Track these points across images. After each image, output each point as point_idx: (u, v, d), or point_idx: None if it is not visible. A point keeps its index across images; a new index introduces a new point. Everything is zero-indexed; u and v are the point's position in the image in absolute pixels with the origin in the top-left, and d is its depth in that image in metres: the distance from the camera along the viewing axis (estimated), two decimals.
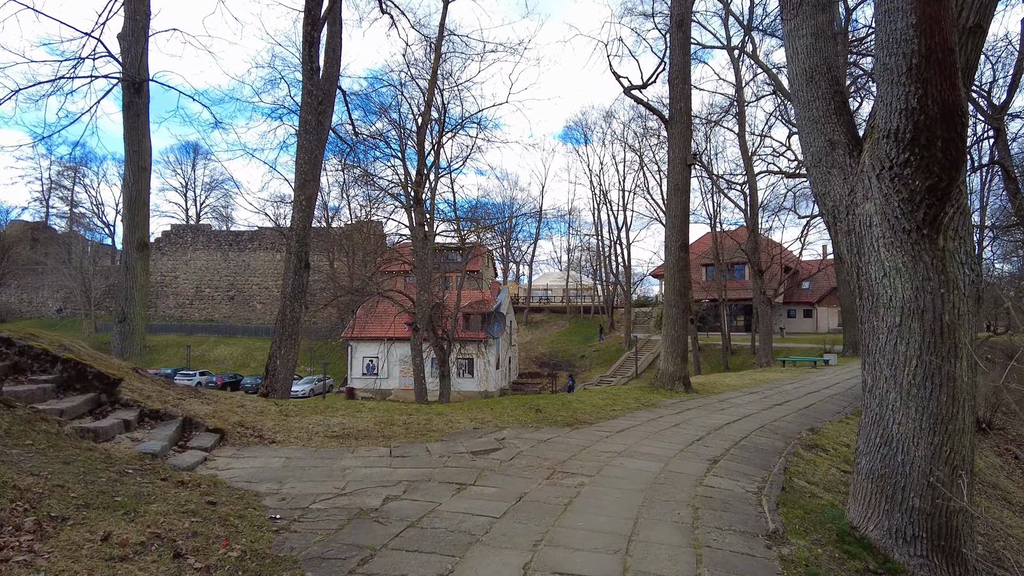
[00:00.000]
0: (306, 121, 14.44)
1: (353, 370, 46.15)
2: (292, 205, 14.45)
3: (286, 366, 14.19)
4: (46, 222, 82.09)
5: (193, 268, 74.98)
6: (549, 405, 10.23)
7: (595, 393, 12.50)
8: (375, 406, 9.65)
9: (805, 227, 35.65)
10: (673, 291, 14.41)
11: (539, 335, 62.82)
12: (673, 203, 14.55)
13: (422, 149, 17.69)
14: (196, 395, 8.43)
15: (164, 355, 64.87)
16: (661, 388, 14.17)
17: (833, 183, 4.89)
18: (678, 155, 14.53)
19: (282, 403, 9.46)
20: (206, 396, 8.62)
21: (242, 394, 9.73)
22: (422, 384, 19.67)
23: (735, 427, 9.14)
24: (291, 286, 14.22)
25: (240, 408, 8.31)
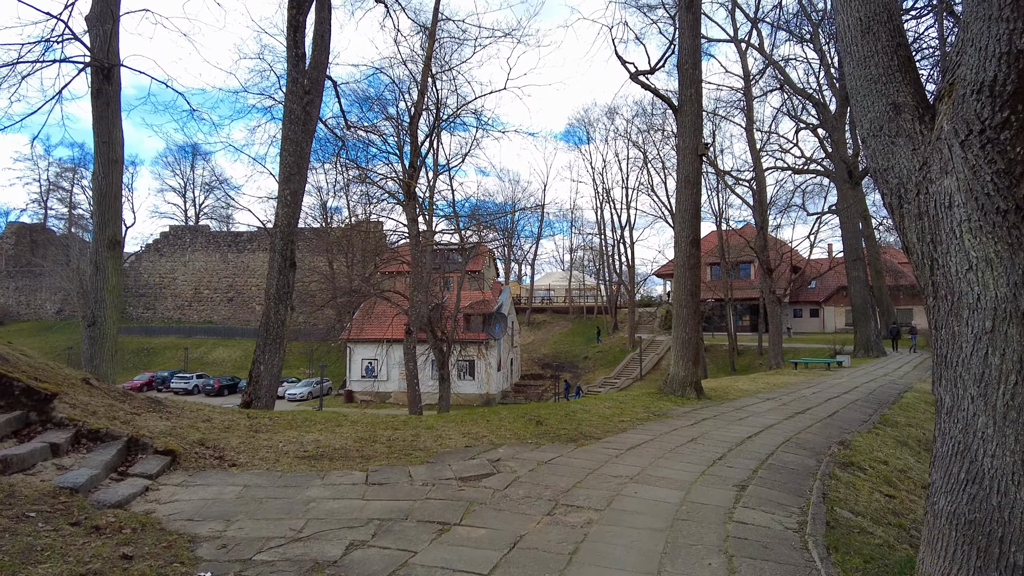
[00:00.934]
0: (291, 111, 13.55)
1: (352, 372, 45.30)
2: (276, 200, 13.53)
3: (271, 372, 13.30)
4: (44, 224, 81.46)
5: (192, 269, 74.25)
6: (551, 416, 9.31)
7: (600, 401, 11.58)
8: (358, 419, 8.74)
9: (816, 224, 34.67)
10: (683, 290, 13.48)
11: (542, 336, 61.88)
12: (683, 196, 13.62)
13: (415, 140, 16.73)
14: (155, 409, 7.53)
15: (162, 357, 64.13)
16: (671, 394, 13.24)
17: (898, 155, 3.96)
18: (688, 144, 13.60)
19: (257, 415, 8.55)
20: (168, 409, 7.72)
21: (212, 407, 8.83)
22: (416, 391, 18.70)
23: (758, 442, 8.20)
24: (275, 287, 13.32)
25: (205, 423, 7.41)
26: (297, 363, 58.89)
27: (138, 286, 73.98)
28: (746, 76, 29.87)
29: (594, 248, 66.19)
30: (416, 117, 16.43)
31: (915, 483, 7.36)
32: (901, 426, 10.97)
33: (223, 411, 8.51)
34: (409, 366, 18.63)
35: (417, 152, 16.71)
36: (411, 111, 16.53)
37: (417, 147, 16.71)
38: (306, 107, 14.15)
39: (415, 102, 16.46)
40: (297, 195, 13.51)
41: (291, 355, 60.54)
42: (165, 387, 51.44)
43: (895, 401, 13.99)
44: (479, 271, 61.62)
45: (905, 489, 6.91)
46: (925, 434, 10.84)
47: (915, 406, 13.86)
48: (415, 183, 16.56)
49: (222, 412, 8.35)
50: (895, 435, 10.02)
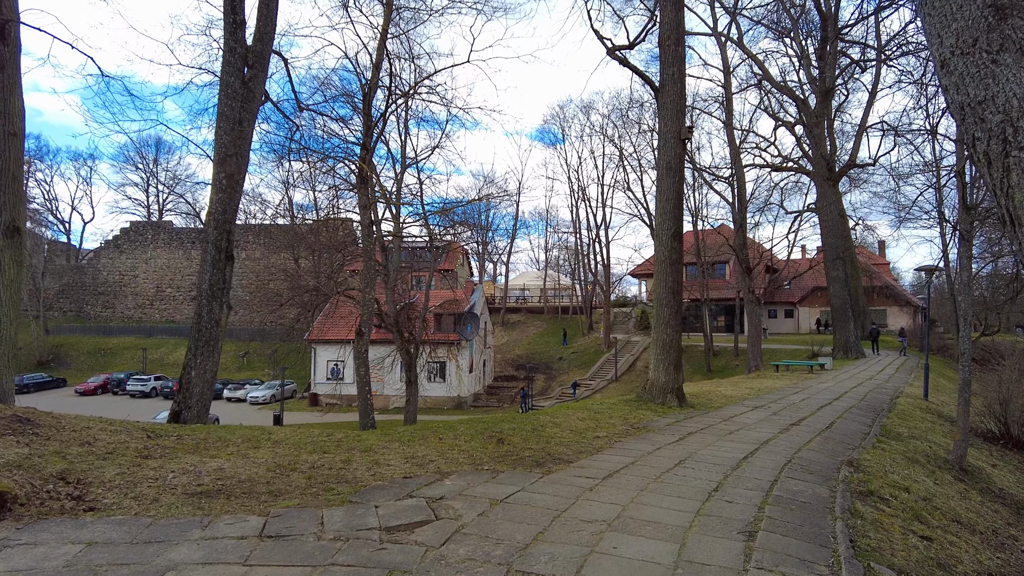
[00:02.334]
0: (228, 84, 12.02)
1: (316, 374, 43.51)
2: (211, 185, 12.01)
3: (203, 379, 11.76)
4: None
5: (154, 267, 71.54)
6: (515, 432, 7.99)
7: (572, 411, 10.29)
8: (284, 437, 7.31)
9: (796, 222, 33.93)
10: (664, 288, 12.26)
11: (516, 336, 60.60)
12: (665, 185, 12.40)
13: (368, 118, 15.21)
14: (17, 430, 6.02)
15: (120, 358, 61.45)
16: (651, 402, 12.02)
17: (1003, 79, 2.71)
18: (670, 128, 12.39)
19: (162, 434, 7.08)
20: (37, 428, 6.22)
21: (108, 423, 7.33)
22: (367, 401, 17.06)
23: (757, 464, 6.97)
24: (208, 282, 11.79)
25: (82, 448, 5.93)
26: (261, 364, 56.84)
27: (96, 284, 71.03)
28: (726, 69, 28.92)
29: (569, 247, 65.16)
30: (370, 93, 14.90)
31: (946, 517, 6.18)
32: (905, 439, 9.87)
33: (119, 429, 7.02)
34: (360, 372, 16.96)
35: (370, 132, 15.16)
36: (364, 88, 15.01)
37: (371, 126, 15.17)
38: (248, 82, 12.64)
39: (369, 78, 14.93)
40: (234, 179, 11.99)
41: (255, 357, 58.49)
42: (121, 389, 49.13)
43: (890, 408, 12.96)
44: (452, 270, 60.17)
45: (939, 526, 5.72)
46: (931, 448, 9.75)
47: (911, 414, 12.85)
48: (367, 165, 15.04)
49: (116, 431, 6.87)
50: (902, 450, 8.90)
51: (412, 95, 15.00)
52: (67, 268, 72.54)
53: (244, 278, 66.03)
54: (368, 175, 15.30)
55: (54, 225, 77.77)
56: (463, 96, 73.20)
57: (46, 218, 78.01)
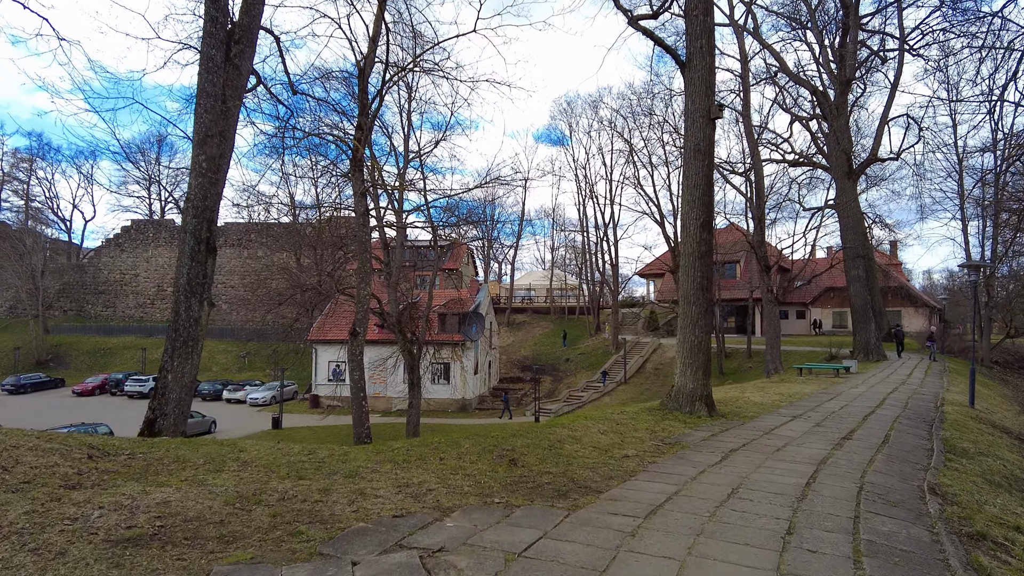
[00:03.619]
0: (209, 58, 10.87)
1: (318, 375, 42.38)
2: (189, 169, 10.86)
3: (180, 383, 10.60)
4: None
5: (155, 266, 70.64)
6: (529, 451, 6.79)
7: (592, 423, 9.08)
8: (255, 458, 6.11)
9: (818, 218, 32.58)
10: (693, 284, 11.04)
11: (521, 337, 59.37)
12: (693, 169, 11.18)
13: (364, 95, 13.92)
14: None
15: (120, 358, 60.47)
16: (677, 411, 10.81)
17: None
18: (698, 106, 11.18)
19: (110, 452, 5.91)
20: None
21: (46, 439, 6.15)
22: (360, 408, 15.45)
23: (825, 493, 5.75)
24: (186, 276, 10.63)
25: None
26: (261, 365, 55.80)
27: (97, 283, 70.18)
28: (743, 59, 27.65)
29: (576, 246, 63.82)
30: (367, 69, 13.64)
31: None
32: (973, 456, 8.62)
33: (55, 448, 5.83)
34: (354, 376, 15.54)
35: (366, 110, 13.88)
36: (360, 63, 13.78)
37: (366, 103, 13.88)
38: (233, 58, 11.50)
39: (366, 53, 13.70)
40: (216, 162, 10.82)
41: (255, 357, 57.39)
42: (119, 390, 48.14)
43: (940, 418, 11.69)
44: (456, 269, 59.04)
45: None
46: (1007, 467, 8.51)
47: (965, 424, 11.58)
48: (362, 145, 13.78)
49: (50, 450, 5.68)
50: (978, 471, 7.65)
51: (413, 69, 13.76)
52: (68, 267, 71.69)
53: (246, 277, 65.05)
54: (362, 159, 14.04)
55: (55, 223, 77.04)
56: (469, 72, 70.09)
57: (47, 216, 77.32)
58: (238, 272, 66.55)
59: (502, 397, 38.92)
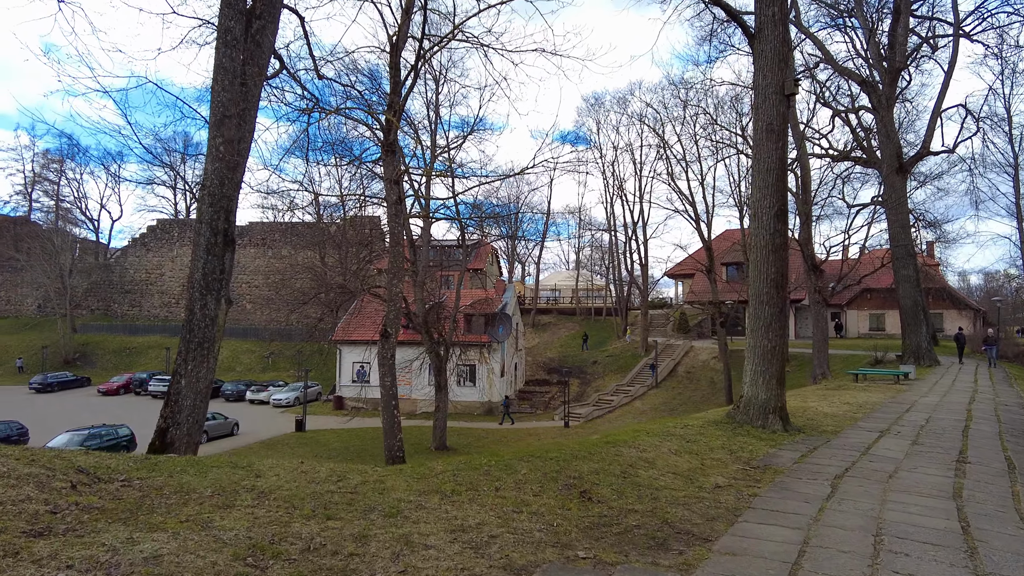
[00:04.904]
0: (227, 30, 9.87)
1: (342, 376, 41.62)
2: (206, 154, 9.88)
3: (195, 388, 9.60)
4: (28, 217, 77.95)
5: (180, 265, 70.62)
6: (600, 479, 5.63)
7: (658, 440, 7.87)
8: (274, 486, 5.03)
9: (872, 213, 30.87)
10: (765, 281, 9.78)
11: (547, 338, 58.09)
12: (764, 151, 9.92)
13: (396, 73, 12.79)
14: None
15: (145, 357, 60.45)
16: (747, 424, 9.56)
17: None
18: (770, 81, 9.92)
19: (101, 479, 4.88)
20: None
21: (26, 460, 5.14)
22: (392, 417, 13.92)
23: (996, 545, 4.50)
24: (202, 271, 9.62)
25: None
26: (285, 365, 55.28)
27: (123, 282, 70.44)
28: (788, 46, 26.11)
29: (603, 246, 62.38)
30: (399, 43, 12.52)
31: None
32: None
33: (32, 475, 4.81)
34: (385, 381, 14.12)
35: (398, 89, 12.75)
36: (392, 38, 12.69)
37: (398, 83, 12.78)
38: (254, 34, 10.50)
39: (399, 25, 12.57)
40: (234, 145, 9.81)
41: (279, 357, 56.89)
42: (143, 390, 47.97)
43: None
44: (481, 269, 58.07)
45: None
46: None
47: None
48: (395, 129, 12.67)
49: (24, 478, 4.65)
50: None
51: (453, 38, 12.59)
52: (95, 266, 72.09)
53: (270, 276, 64.71)
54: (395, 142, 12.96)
55: (83, 223, 77.62)
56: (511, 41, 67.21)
57: (76, 216, 77.97)
58: (262, 272, 66.25)
59: (502, 402, 37.61)
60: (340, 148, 24.20)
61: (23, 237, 73.19)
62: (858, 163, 33.81)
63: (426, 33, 12.68)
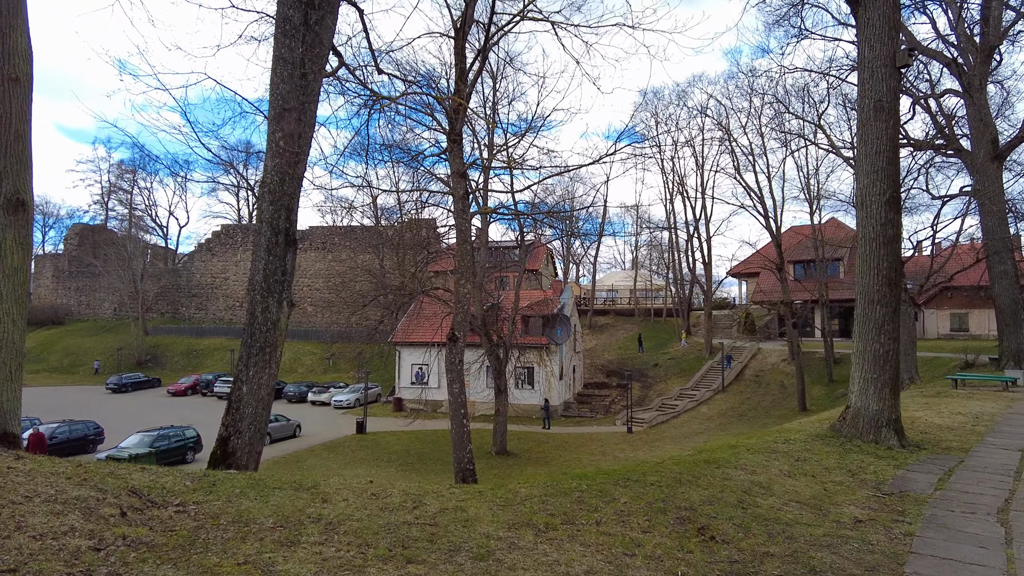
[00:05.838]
0: (285, 19, 9.42)
1: (401, 378, 41.57)
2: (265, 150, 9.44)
3: (256, 395, 9.14)
4: (105, 225, 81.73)
5: (243, 269, 72.54)
6: (717, 512, 4.77)
7: (762, 457, 6.93)
8: (342, 516, 4.38)
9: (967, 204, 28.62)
10: (876, 277, 8.67)
11: (605, 340, 56.79)
12: (873, 131, 8.81)
13: (462, 59, 12.09)
14: None
15: (211, 359, 62.22)
16: (856, 438, 8.47)
17: None
18: (878, 53, 8.80)
19: (155, 503, 4.36)
20: None
21: (77, 480, 4.66)
22: (461, 429, 12.65)
23: None
24: (263, 272, 9.16)
25: None
26: (346, 367, 55.84)
27: (190, 286, 72.85)
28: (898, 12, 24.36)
29: (662, 244, 60.56)
30: (464, 27, 11.83)
31: None
32: None
33: (78, 499, 4.31)
34: (453, 388, 13.12)
35: (464, 76, 12.03)
36: (457, 23, 12.02)
37: (464, 69, 12.06)
38: (313, 25, 10.02)
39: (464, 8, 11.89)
40: (294, 140, 9.34)
41: (340, 359, 57.55)
42: (209, 391, 49.20)
43: None
44: (536, 270, 57.28)
45: None
46: None
47: None
48: (462, 118, 12.00)
49: (70, 504, 4.14)
50: None
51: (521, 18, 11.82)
52: (165, 271, 74.88)
53: (329, 279, 65.70)
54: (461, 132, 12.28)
55: (154, 230, 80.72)
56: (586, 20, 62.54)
57: (147, 223, 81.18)
58: (322, 275, 67.31)
59: (542, 406, 36.53)
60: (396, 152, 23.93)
61: (100, 244, 76.94)
62: (940, 152, 31.47)
63: (495, 11, 11.92)
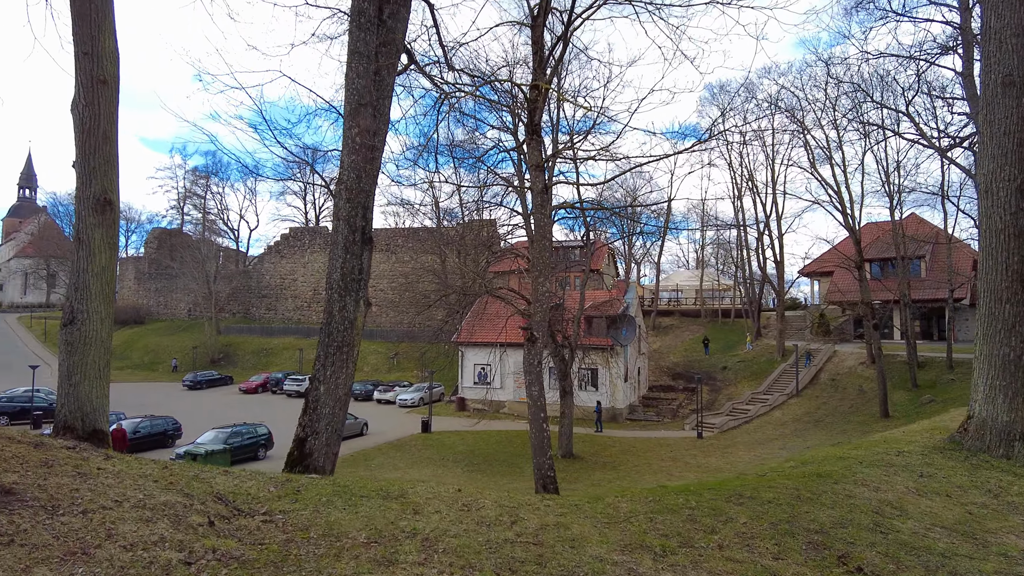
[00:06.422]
0: (360, 11, 9.24)
1: (464, 378, 41.60)
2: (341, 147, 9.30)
3: (334, 395, 8.99)
4: (181, 228, 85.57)
5: (311, 270, 74.60)
6: (856, 538, 4.20)
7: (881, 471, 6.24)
8: (437, 531, 4.02)
9: None
10: (1004, 273, 7.78)
11: (669, 342, 55.36)
12: (1000, 110, 7.92)
13: (540, 48, 11.62)
14: None
15: (280, 358, 64.08)
16: (981, 452, 7.61)
17: None
18: (1008, 22, 7.90)
19: (241, 512, 4.13)
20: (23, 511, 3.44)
21: (164, 483, 4.50)
22: (541, 430, 12.52)
23: None
24: (340, 271, 9.02)
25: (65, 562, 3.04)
26: (409, 366, 56.46)
27: (260, 287, 75.33)
28: (963, 6, 22.73)
29: (730, 242, 58.59)
30: (541, 16, 11.34)
31: None
32: None
33: (165, 505, 4.12)
34: (532, 391, 12.38)
35: (543, 66, 11.56)
36: (534, 11, 11.51)
37: (543, 59, 11.57)
38: (386, 19, 9.83)
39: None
40: (370, 135, 9.15)
41: (404, 358, 58.27)
42: (279, 388, 50.62)
43: None
44: (598, 270, 56.44)
45: None
46: None
47: None
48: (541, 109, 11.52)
49: (159, 510, 3.96)
50: None
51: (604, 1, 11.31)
52: (236, 272, 77.77)
53: (393, 280, 66.68)
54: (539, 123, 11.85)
55: (225, 233, 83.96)
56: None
57: (219, 227, 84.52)
58: (387, 276, 68.38)
59: (595, 408, 35.54)
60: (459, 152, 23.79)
61: (177, 247, 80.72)
62: None
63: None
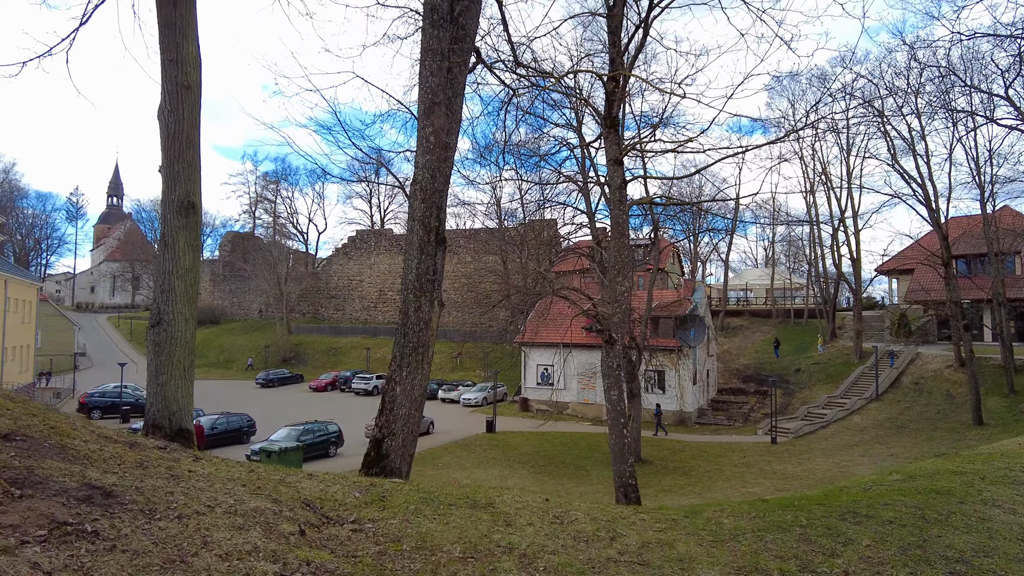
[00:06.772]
0: (433, 8, 9.12)
1: (527, 379, 41.45)
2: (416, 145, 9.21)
3: (410, 396, 8.91)
4: (253, 232, 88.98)
5: (377, 272, 76.17)
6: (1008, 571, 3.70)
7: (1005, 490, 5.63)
8: (535, 546, 3.78)
9: None
10: None
11: (739, 343, 53.56)
12: None
13: (616, 39, 11.20)
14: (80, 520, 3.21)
15: (348, 357, 65.67)
16: None
17: None
18: None
19: (330, 519, 4.01)
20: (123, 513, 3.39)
21: (253, 485, 4.43)
22: (621, 436, 11.93)
23: None
24: (415, 271, 8.93)
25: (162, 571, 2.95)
26: (473, 365, 56.79)
27: (329, 288, 77.46)
28: None
29: (802, 239, 56.26)
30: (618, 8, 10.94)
31: None
32: None
33: (259, 511, 4.05)
34: (611, 395, 11.68)
35: (620, 56, 11.18)
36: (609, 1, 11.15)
37: (619, 51, 11.18)
38: (457, 16, 9.70)
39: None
40: (442, 134, 9.03)
41: (467, 357, 58.68)
42: (347, 387, 51.84)
43: None
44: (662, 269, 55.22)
45: None
46: None
47: None
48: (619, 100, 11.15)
49: (254, 516, 3.88)
50: None
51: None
52: (305, 274, 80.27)
53: (456, 281, 67.30)
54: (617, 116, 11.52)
55: (295, 236, 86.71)
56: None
57: (289, 230, 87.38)
58: (449, 276, 69.04)
59: (655, 411, 34.37)
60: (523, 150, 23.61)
61: (249, 250, 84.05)
62: None
63: None
